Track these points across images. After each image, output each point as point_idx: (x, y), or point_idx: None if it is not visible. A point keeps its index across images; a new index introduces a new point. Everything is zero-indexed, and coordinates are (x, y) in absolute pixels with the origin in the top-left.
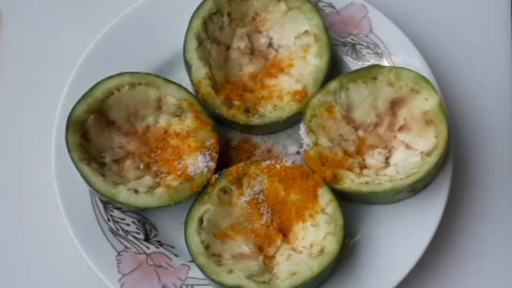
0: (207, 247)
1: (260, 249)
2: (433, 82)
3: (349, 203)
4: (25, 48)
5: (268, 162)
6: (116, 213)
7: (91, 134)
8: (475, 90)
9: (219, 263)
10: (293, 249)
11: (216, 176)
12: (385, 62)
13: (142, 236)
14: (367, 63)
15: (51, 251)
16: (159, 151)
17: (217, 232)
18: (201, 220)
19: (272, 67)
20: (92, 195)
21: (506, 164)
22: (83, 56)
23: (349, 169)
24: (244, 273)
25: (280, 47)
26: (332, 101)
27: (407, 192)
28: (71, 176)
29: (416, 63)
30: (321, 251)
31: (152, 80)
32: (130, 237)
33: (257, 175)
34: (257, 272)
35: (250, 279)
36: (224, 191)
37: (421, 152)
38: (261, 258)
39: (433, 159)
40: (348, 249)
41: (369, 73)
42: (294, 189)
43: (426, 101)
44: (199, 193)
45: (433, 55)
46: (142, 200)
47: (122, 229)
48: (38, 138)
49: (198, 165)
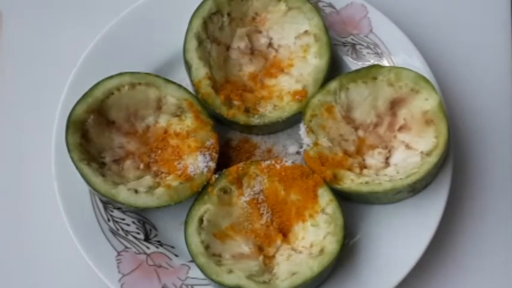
0: (207, 247)
1: (260, 249)
2: (433, 82)
3: (349, 203)
4: (25, 48)
5: (268, 162)
6: (116, 213)
7: (91, 134)
8: (475, 90)
9: (219, 263)
10: (293, 249)
11: (216, 176)
12: (385, 62)
13: (142, 236)
14: (367, 63)
15: (51, 251)
16: (159, 151)
17: (217, 232)
18: (201, 220)
19: (272, 67)
20: (92, 195)
21: (506, 164)
22: (83, 56)
23: (349, 169)
24: (244, 273)
25: (280, 47)
26: (332, 101)
27: (407, 192)
28: (71, 176)
29: (416, 63)
30: (321, 251)
31: (152, 80)
32: (130, 237)
33: (257, 175)
34: (257, 272)
35: (250, 279)
36: (224, 191)
37: (421, 152)
38: (261, 258)
39: (433, 159)
40: (348, 249)
41: (369, 73)
42: (294, 189)
43: (426, 101)
44: (199, 193)
45: (433, 55)
46: (142, 200)
47: (122, 229)
48: (38, 138)
49: (198, 165)
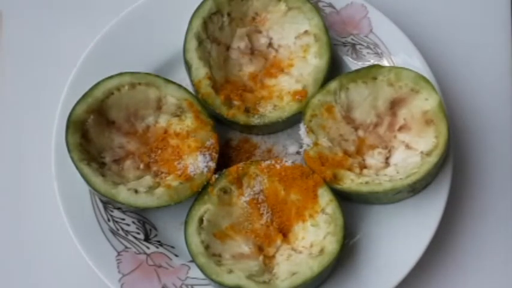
0: (207, 247)
1: (260, 249)
2: (433, 82)
3: (349, 203)
4: (25, 48)
5: (268, 162)
6: (116, 213)
7: (91, 134)
8: (475, 90)
9: (219, 263)
10: (293, 249)
11: (216, 176)
12: (385, 62)
13: (142, 236)
14: (367, 63)
15: (51, 251)
16: (159, 151)
17: (217, 232)
18: (201, 220)
19: (272, 67)
20: (92, 195)
21: (506, 164)
22: (83, 56)
23: (349, 169)
24: (244, 273)
25: (280, 47)
26: (332, 101)
27: (407, 192)
28: (71, 176)
29: (416, 63)
30: (321, 251)
31: (152, 80)
32: (130, 237)
33: (257, 175)
34: (257, 272)
35: (250, 279)
36: (224, 191)
37: (421, 152)
38: (261, 258)
39: (433, 159)
40: (348, 249)
41: (369, 73)
42: (294, 189)
43: (426, 101)
44: (199, 193)
45: (433, 55)
46: (142, 200)
47: (122, 229)
48: (38, 138)
49: (198, 165)
